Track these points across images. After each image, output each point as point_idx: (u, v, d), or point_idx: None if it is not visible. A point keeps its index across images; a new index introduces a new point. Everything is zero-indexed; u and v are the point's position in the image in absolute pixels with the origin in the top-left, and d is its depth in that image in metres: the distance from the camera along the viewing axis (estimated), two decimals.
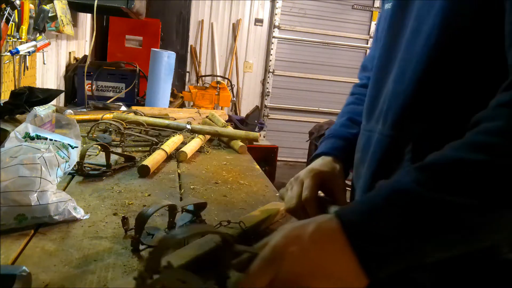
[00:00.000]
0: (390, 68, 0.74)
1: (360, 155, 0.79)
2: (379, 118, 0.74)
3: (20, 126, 1.02)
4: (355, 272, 0.48)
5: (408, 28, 0.71)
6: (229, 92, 3.90)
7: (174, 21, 4.48)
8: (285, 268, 0.49)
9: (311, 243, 0.50)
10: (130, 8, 2.25)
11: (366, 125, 0.79)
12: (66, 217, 0.81)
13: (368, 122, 0.78)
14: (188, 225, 0.83)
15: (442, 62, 0.64)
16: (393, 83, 0.72)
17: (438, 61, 0.64)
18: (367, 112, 0.80)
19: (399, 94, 0.69)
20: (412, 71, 0.67)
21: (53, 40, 2.25)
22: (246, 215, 0.88)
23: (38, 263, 0.66)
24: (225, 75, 5.22)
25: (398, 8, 0.74)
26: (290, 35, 5.32)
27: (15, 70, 1.65)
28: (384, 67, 0.76)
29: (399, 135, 0.69)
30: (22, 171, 0.79)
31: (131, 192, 1.03)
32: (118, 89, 2.50)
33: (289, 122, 5.56)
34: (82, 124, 1.69)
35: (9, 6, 1.38)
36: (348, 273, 0.48)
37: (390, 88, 0.72)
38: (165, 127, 1.65)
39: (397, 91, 0.70)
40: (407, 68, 0.69)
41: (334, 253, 0.49)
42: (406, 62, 0.69)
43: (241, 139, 1.66)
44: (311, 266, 0.49)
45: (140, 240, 0.74)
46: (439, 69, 0.64)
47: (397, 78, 0.71)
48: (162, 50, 2.37)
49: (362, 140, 0.80)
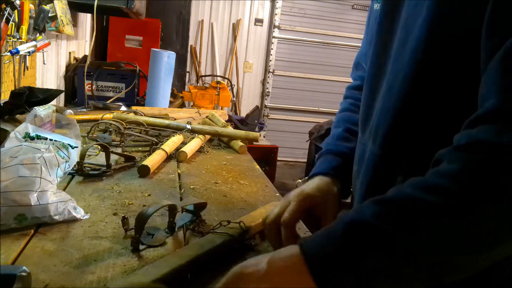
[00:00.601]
0: (381, 78, 0.71)
1: (357, 168, 0.77)
2: (370, 133, 0.72)
3: (20, 126, 1.02)
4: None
5: (397, 36, 0.68)
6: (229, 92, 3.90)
7: (174, 21, 4.48)
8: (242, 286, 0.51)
9: (269, 267, 0.51)
10: (130, 8, 2.25)
11: (361, 137, 0.77)
12: (66, 217, 0.81)
13: (363, 135, 0.76)
14: None
15: (427, 77, 0.62)
16: (382, 99, 0.69)
17: (423, 76, 0.62)
18: (362, 124, 0.78)
19: (388, 111, 0.67)
20: (398, 86, 0.65)
21: (53, 40, 2.25)
22: (246, 215, 0.88)
23: (38, 263, 0.66)
24: (225, 75, 5.22)
25: (388, 11, 0.71)
26: (290, 35, 5.32)
27: (15, 70, 1.65)
28: (376, 76, 0.73)
29: (389, 154, 0.67)
30: (22, 171, 0.79)
31: (131, 192, 1.03)
32: (118, 89, 2.50)
33: (289, 122, 5.56)
34: (82, 124, 1.69)
35: (9, 6, 1.38)
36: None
37: (380, 104, 0.70)
38: (165, 127, 1.65)
39: (385, 107, 0.68)
40: (394, 82, 0.66)
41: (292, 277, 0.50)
42: (394, 76, 0.66)
43: (241, 139, 1.66)
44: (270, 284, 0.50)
45: (140, 240, 0.74)
46: (425, 85, 0.62)
47: (386, 94, 0.68)
48: (162, 50, 2.37)
49: (358, 152, 0.78)
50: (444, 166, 0.50)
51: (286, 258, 0.52)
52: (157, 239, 0.77)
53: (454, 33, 0.58)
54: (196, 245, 0.72)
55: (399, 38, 0.67)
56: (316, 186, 0.78)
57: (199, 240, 0.74)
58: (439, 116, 0.61)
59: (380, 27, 0.73)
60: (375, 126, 0.70)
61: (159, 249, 0.75)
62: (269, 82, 5.42)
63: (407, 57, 0.63)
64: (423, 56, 0.61)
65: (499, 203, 0.45)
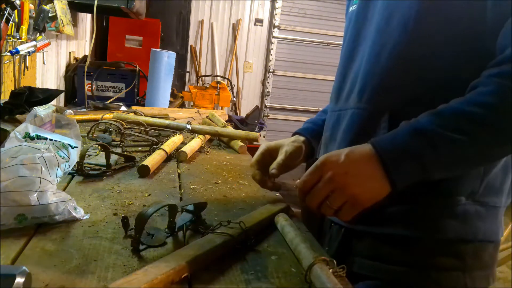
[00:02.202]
0: (356, 55, 0.88)
1: (330, 133, 0.93)
2: (349, 96, 0.88)
3: (20, 126, 1.02)
4: (381, 181, 0.69)
5: (373, 20, 0.85)
6: (229, 92, 3.90)
7: (174, 21, 4.48)
8: (326, 169, 0.71)
9: (346, 157, 0.71)
10: (130, 8, 2.25)
11: (334, 107, 0.93)
12: (66, 217, 0.81)
13: (337, 103, 0.92)
14: None
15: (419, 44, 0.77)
16: (367, 64, 0.84)
17: (416, 44, 0.77)
18: (335, 96, 0.94)
19: (375, 73, 0.82)
20: (389, 52, 0.80)
21: (53, 40, 2.26)
22: (246, 215, 0.88)
23: (38, 263, 0.66)
24: (225, 75, 5.22)
25: (361, 8, 0.89)
26: (290, 35, 5.32)
27: (15, 70, 1.65)
28: (350, 57, 0.90)
29: (374, 108, 0.81)
30: (22, 171, 0.79)
31: (131, 192, 1.03)
32: (118, 89, 2.50)
33: (289, 122, 5.56)
34: (82, 124, 1.69)
35: (9, 6, 1.38)
36: (375, 179, 0.69)
37: (366, 68, 0.84)
38: (165, 127, 1.65)
39: (372, 70, 0.83)
40: (382, 50, 0.81)
41: (365, 164, 0.70)
42: (382, 45, 0.81)
43: (241, 139, 1.66)
44: (346, 168, 0.70)
45: (140, 240, 0.74)
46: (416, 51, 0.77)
47: (372, 59, 0.83)
48: (162, 50, 2.37)
49: (331, 120, 0.93)
50: (482, 89, 0.68)
51: (360, 151, 0.71)
52: (157, 239, 0.77)
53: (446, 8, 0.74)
54: (196, 245, 0.72)
55: (380, 18, 0.83)
56: (287, 139, 1.05)
57: (199, 240, 0.74)
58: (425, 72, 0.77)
59: (355, 19, 0.90)
60: (359, 88, 0.85)
61: (159, 249, 0.75)
62: (269, 82, 5.42)
63: (395, 29, 0.79)
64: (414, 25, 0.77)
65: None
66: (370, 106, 0.82)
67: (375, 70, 0.82)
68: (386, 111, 0.79)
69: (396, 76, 0.79)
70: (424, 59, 0.77)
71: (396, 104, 0.79)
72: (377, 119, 0.80)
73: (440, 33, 0.75)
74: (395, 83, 0.79)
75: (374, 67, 0.82)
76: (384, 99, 0.80)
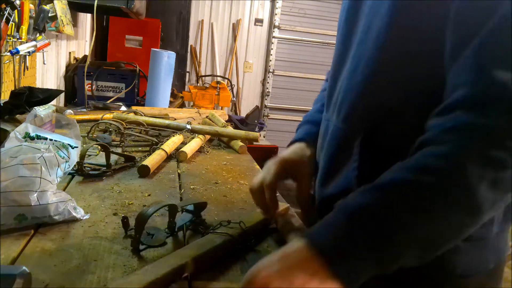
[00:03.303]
0: (345, 61, 0.78)
1: (321, 141, 0.85)
2: (334, 109, 0.79)
3: (20, 126, 1.02)
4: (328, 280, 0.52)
5: (361, 22, 0.74)
6: (229, 92, 3.90)
7: (174, 21, 4.48)
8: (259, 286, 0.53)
9: (281, 266, 0.53)
10: (130, 8, 2.25)
11: (325, 114, 0.85)
12: (66, 217, 0.81)
13: (327, 111, 0.84)
14: None
15: (389, 61, 0.67)
16: (347, 77, 0.76)
17: (386, 61, 0.68)
18: (327, 102, 0.85)
19: (352, 89, 0.74)
20: (362, 68, 0.71)
21: (53, 40, 2.25)
22: (246, 215, 0.88)
23: (38, 263, 0.66)
24: (225, 75, 5.22)
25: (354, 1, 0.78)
26: (290, 35, 5.32)
27: (15, 70, 1.65)
28: (341, 61, 0.80)
29: (350, 128, 0.74)
30: (22, 171, 0.79)
31: (131, 192, 1.03)
32: (118, 89, 2.50)
33: (289, 122, 5.55)
34: (82, 124, 1.69)
35: (9, 6, 1.38)
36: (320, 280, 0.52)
37: (345, 82, 0.76)
38: (165, 127, 1.65)
39: (350, 85, 0.74)
40: (359, 64, 0.72)
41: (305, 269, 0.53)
42: (359, 58, 0.73)
43: (241, 139, 1.66)
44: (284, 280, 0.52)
45: (140, 240, 0.74)
46: (387, 69, 0.68)
47: (351, 73, 0.74)
48: (162, 50, 2.37)
49: (323, 127, 0.85)
50: (434, 148, 0.54)
51: (295, 253, 0.55)
52: (157, 239, 0.77)
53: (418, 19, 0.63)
54: (196, 245, 0.72)
55: (364, 23, 0.73)
56: (292, 151, 0.88)
57: (199, 240, 0.74)
58: (394, 97, 0.68)
59: (347, 14, 0.80)
60: (339, 103, 0.77)
61: (159, 249, 0.75)
62: (269, 82, 5.42)
63: (371, 41, 0.69)
64: (387, 40, 0.67)
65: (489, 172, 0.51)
66: (346, 126, 0.75)
67: (351, 87, 0.74)
68: (360, 134, 0.71)
69: (370, 95, 0.71)
70: (398, 76, 0.67)
71: (369, 127, 0.71)
72: (351, 142, 0.73)
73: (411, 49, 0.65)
74: (368, 103, 0.71)
75: (351, 83, 0.75)
76: (358, 121, 0.73)
